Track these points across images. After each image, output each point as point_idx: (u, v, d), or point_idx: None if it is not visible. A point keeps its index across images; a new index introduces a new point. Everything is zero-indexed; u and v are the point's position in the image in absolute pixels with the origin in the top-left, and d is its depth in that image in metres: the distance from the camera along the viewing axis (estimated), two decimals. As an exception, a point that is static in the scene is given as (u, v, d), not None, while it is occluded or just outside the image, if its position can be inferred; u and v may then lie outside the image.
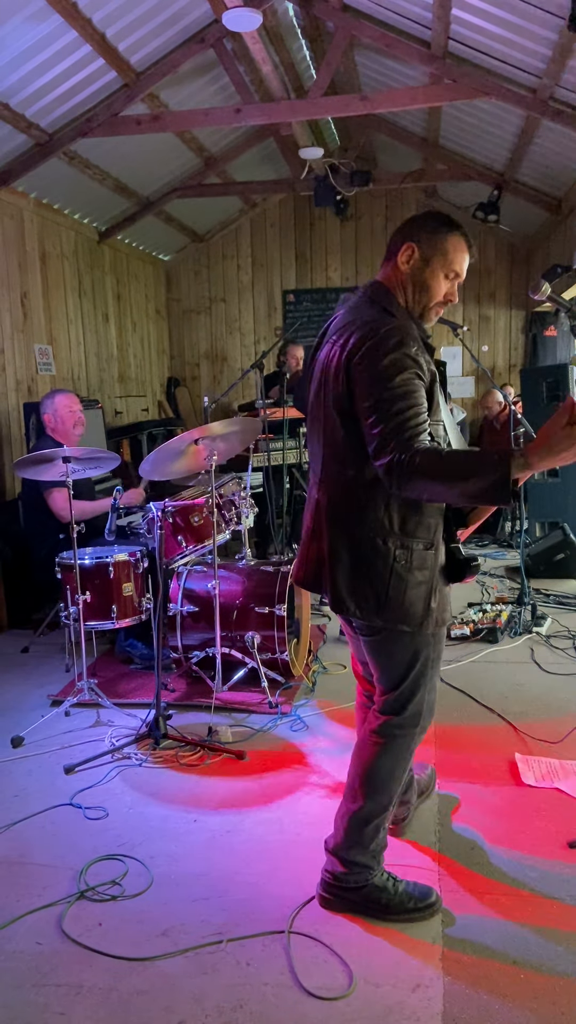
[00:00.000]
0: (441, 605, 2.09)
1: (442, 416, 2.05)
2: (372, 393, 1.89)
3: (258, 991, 1.96)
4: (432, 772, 2.87)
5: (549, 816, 2.68)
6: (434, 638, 2.13)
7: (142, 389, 8.60)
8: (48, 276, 6.46)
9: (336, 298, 9.07)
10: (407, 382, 1.88)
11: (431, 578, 2.05)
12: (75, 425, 4.30)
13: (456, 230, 2.04)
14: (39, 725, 3.47)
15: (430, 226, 2.04)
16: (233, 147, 7.53)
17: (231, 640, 3.81)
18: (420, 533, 2.02)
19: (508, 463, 1.75)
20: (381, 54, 5.75)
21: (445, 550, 2.11)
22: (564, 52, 4.43)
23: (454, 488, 1.81)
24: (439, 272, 2.04)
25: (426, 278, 2.04)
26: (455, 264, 2.05)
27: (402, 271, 2.06)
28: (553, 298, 2.12)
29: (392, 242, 2.09)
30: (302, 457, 5.89)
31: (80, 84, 5.09)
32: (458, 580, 2.13)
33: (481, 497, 1.81)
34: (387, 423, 1.85)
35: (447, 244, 2.03)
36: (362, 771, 2.20)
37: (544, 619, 4.68)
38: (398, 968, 2.02)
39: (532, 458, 1.76)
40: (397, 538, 2.01)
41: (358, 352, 1.92)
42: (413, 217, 2.10)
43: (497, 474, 1.75)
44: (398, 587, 2.01)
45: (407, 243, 2.04)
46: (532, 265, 8.60)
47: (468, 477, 1.78)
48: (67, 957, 2.10)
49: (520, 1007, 1.89)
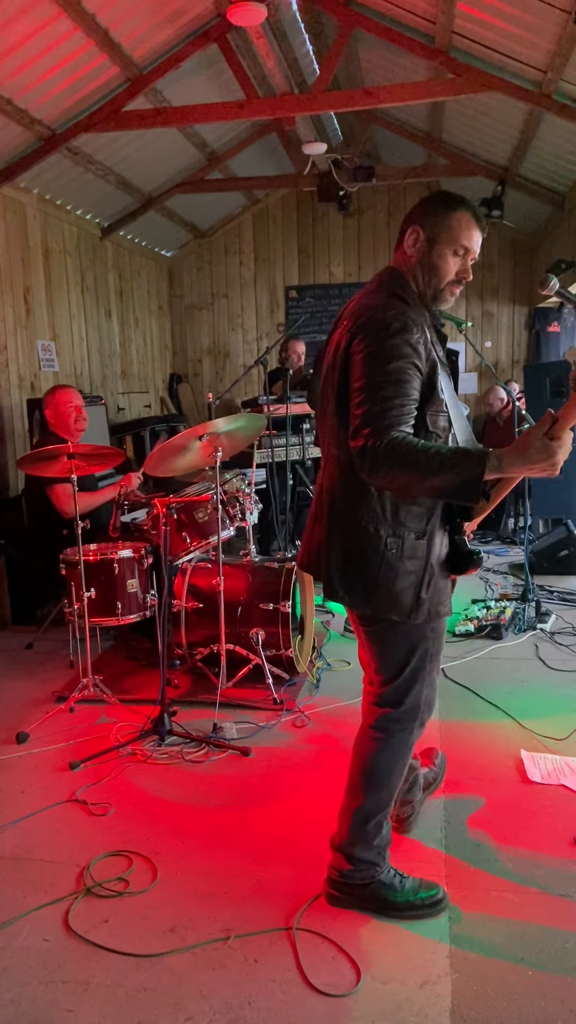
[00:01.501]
0: (435, 597, 2.06)
1: (446, 407, 2.01)
2: (364, 374, 1.88)
3: (265, 988, 1.96)
4: (442, 758, 2.87)
5: (556, 813, 2.68)
6: (433, 632, 2.12)
7: (145, 385, 8.59)
8: (51, 272, 6.45)
9: (339, 294, 9.06)
10: (401, 371, 1.87)
11: (422, 568, 2.03)
12: (76, 420, 4.28)
13: (460, 205, 2.02)
14: (44, 721, 3.47)
15: (433, 206, 2.03)
16: (236, 142, 7.51)
17: (236, 637, 3.80)
18: (412, 522, 2.01)
19: (483, 463, 1.76)
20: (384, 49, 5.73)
21: (449, 541, 2.10)
22: (568, 45, 4.40)
23: (423, 481, 1.80)
24: (446, 251, 2.01)
25: (433, 259, 2.02)
26: (462, 239, 2.02)
27: (409, 255, 2.05)
28: (561, 293, 2.11)
29: (402, 228, 2.09)
30: (305, 453, 5.88)
31: (83, 80, 5.07)
32: (461, 572, 2.13)
33: (449, 493, 1.82)
34: (371, 406, 1.85)
35: (451, 221, 2.01)
36: (362, 767, 2.20)
37: (548, 615, 4.67)
38: (405, 965, 2.02)
39: (505, 462, 1.77)
40: (389, 526, 2.00)
41: (360, 333, 1.92)
42: (421, 200, 2.09)
43: (469, 473, 1.75)
44: (387, 576, 2.00)
45: (412, 226, 2.04)
46: (536, 261, 8.57)
47: (437, 472, 1.76)
48: (74, 953, 2.10)
49: (528, 1004, 1.89)
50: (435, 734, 3.22)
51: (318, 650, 4.16)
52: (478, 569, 2.16)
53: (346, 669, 4.00)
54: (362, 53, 6.12)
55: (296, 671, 3.84)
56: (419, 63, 5.60)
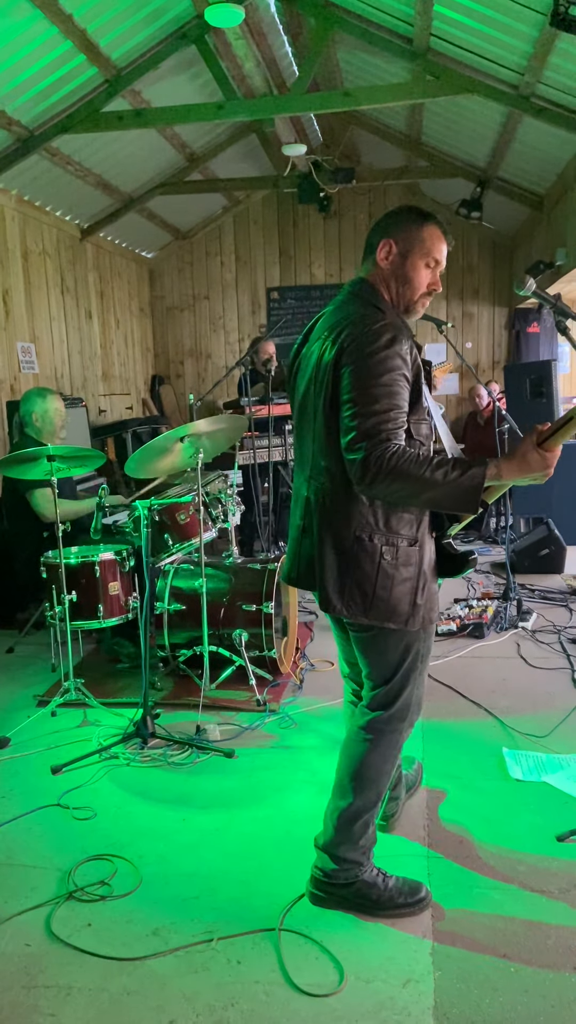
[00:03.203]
0: (428, 603, 2.10)
1: (428, 415, 2.06)
2: (356, 387, 1.90)
3: (249, 989, 1.96)
4: (419, 767, 2.87)
5: (537, 810, 2.70)
6: (424, 632, 2.14)
7: (126, 387, 8.56)
8: (30, 274, 6.41)
9: (320, 295, 9.08)
10: (393, 382, 1.90)
11: (416, 575, 2.06)
12: (61, 427, 4.29)
13: (430, 220, 2.08)
14: (25, 725, 3.45)
15: (404, 220, 2.07)
16: (216, 144, 7.51)
17: (219, 638, 3.80)
18: (404, 529, 2.03)
19: (482, 474, 1.83)
20: (364, 51, 5.75)
21: (436, 546, 2.13)
22: (546, 48, 4.44)
23: (424, 493, 1.85)
24: (419, 263, 2.06)
25: (407, 271, 2.06)
26: (434, 252, 2.06)
27: (383, 268, 2.08)
28: (538, 293, 2.12)
29: (370, 240, 2.12)
30: (287, 455, 5.88)
31: (61, 80, 5.05)
32: (457, 574, 2.17)
33: (449, 504, 1.89)
34: (366, 419, 1.87)
35: (423, 234, 2.05)
36: (351, 768, 2.20)
37: (530, 614, 4.70)
38: (388, 963, 2.03)
39: (504, 472, 1.87)
40: (383, 535, 2.02)
41: (349, 346, 1.94)
42: (387, 213, 2.12)
43: (468, 484, 1.82)
44: (385, 584, 2.02)
45: (384, 240, 2.07)
46: (515, 262, 8.63)
47: (439, 485, 1.82)
48: (56, 958, 2.08)
49: (510, 1001, 1.90)
50: (418, 732, 3.24)
51: (301, 650, 4.16)
52: (472, 569, 2.19)
53: (329, 669, 4.00)
54: (341, 55, 6.14)
55: (279, 672, 3.84)
56: (398, 65, 5.63)
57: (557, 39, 4.30)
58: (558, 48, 4.43)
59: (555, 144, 5.80)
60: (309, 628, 4.63)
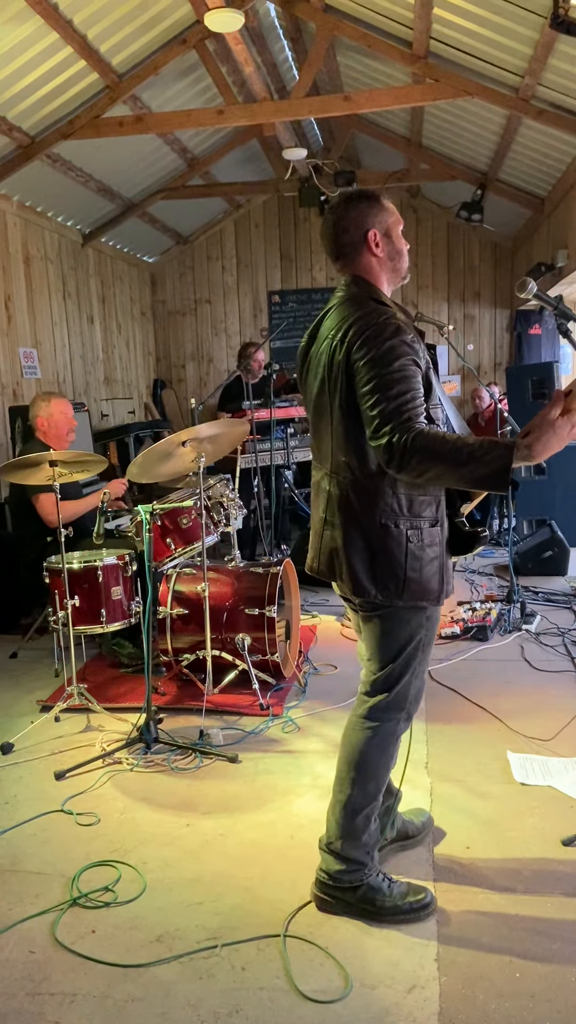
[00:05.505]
0: (447, 577, 2.17)
1: (440, 400, 2.13)
2: (371, 378, 1.95)
3: (254, 995, 1.95)
4: (429, 819, 2.65)
5: (542, 814, 2.69)
6: (428, 620, 2.18)
7: (128, 391, 8.57)
8: (32, 279, 6.42)
9: (321, 298, 9.08)
10: (405, 367, 1.95)
11: (440, 553, 2.13)
12: (69, 432, 4.29)
13: (379, 195, 2.19)
14: (29, 731, 3.44)
15: (366, 207, 2.16)
16: (216, 148, 7.51)
17: (221, 642, 3.79)
18: (426, 511, 2.10)
19: (511, 452, 1.83)
20: (363, 55, 5.76)
21: (448, 524, 2.19)
22: (546, 51, 4.45)
23: (454, 471, 1.87)
24: (398, 232, 2.19)
25: (396, 246, 2.18)
26: (398, 217, 2.21)
27: (380, 256, 2.16)
28: (539, 296, 2.12)
29: (346, 241, 2.15)
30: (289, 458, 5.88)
31: (62, 86, 5.07)
32: (467, 552, 2.22)
33: (480, 482, 1.90)
34: (387, 404, 1.92)
35: (386, 209, 2.17)
36: (350, 756, 2.22)
37: (533, 616, 4.69)
38: (394, 970, 2.02)
39: (535, 449, 1.85)
40: (407, 519, 2.07)
41: (357, 341, 1.99)
42: (340, 211, 2.16)
43: (500, 462, 1.83)
44: (415, 567, 2.08)
45: (368, 232, 2.14)
46: (516, 264, 8.63)
47: (469, 462, 1.84)
48: (61, 965, 2.08)
49: (517, 1006, 1.89)
50: (421, 735, 3.23)
51: (304, 655, 4.15)
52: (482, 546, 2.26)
53: (333, 673, 3.99)
54: (341, 59, 6.15)
55: (283, 676, 3.84)
56: (398, 68, 5.63)
57: (557, 41, 4.30)
58: (558, 50, 4.43)
59: (555, 146, 5.80)
60: (312, 631, 4.62)
